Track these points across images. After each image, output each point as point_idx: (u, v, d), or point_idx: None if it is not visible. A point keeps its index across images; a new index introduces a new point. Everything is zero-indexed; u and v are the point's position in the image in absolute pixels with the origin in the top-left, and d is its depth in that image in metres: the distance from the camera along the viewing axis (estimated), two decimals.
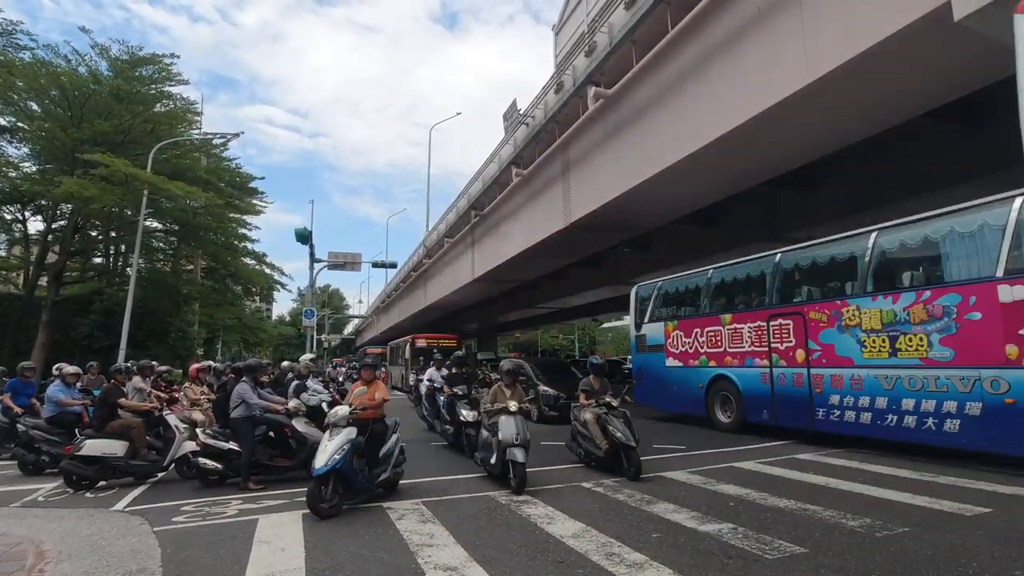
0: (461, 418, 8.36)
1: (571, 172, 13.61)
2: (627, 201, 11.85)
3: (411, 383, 22.89)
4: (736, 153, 9.31)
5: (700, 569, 3.87)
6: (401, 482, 6.89)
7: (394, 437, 6.39)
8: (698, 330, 11.05)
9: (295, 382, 8.12)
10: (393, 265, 31.10)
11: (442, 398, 9.75)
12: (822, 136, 8.92)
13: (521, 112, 16.27)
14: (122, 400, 7.43)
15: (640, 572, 3.83)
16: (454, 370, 9.82)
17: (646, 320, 12.83)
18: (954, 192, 10.87)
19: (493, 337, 47.92)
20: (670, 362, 11.83)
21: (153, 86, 23.27)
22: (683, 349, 11.47)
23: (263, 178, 30.34)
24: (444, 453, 9.20)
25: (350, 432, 5.62)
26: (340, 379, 15.67)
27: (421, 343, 25.17)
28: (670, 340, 11.83)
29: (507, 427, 6.39)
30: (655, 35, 9.64)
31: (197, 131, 26.45)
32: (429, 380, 10.88)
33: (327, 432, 5.66)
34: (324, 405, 7.75)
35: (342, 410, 5.84)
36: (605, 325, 64.59)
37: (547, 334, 63.93)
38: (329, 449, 5.44)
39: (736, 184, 11.50)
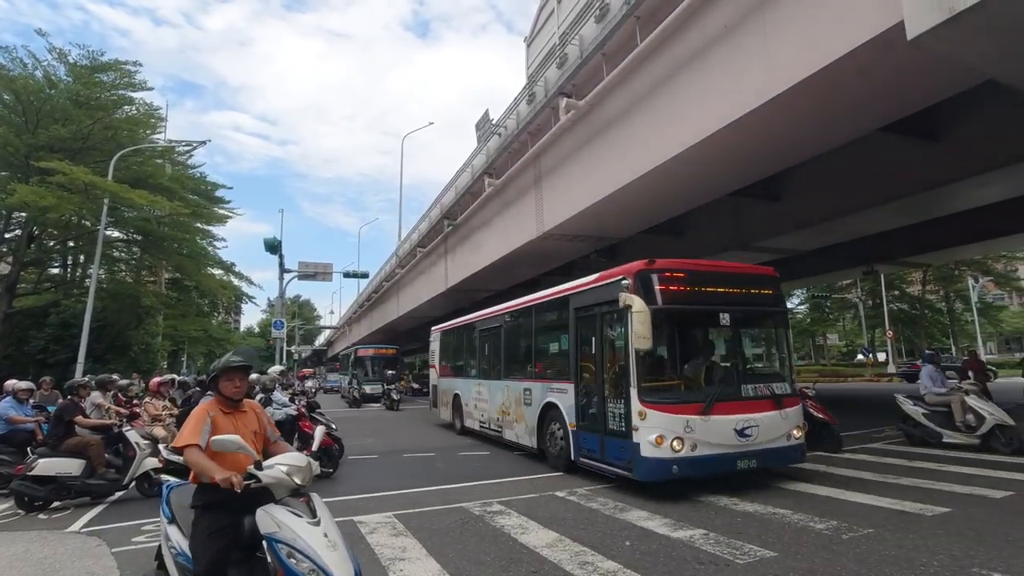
0: None
1: (543, 182, 13.70)
2: (599, 211, 11.97)
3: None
4: (704, 164, 9.49)
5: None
6: (373, 495, 6.79)
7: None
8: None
9: (260, 395, 7.91)
10: (365, 275, 30.81)
11: None
12: (786, 148, 9.17)
13: (493, 122, 16.33)
14: (78, 417, 7.12)
15: None
16: None
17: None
18: (915, 200, 11.38)
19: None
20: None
21: (115, 91, 22.62)
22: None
23: (231, 187, 29.80)
24: (419, 463, 9.08)
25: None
26: (312, 392, 15.31)
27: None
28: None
29: None
30: (625, 48, 9.80)
31: (161, 138, 25.79)
32: None
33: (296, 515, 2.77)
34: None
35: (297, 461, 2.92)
36: None
37: None
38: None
39: (704, 194, 11.72)
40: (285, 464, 2.78)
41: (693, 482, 6.91)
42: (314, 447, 4.29)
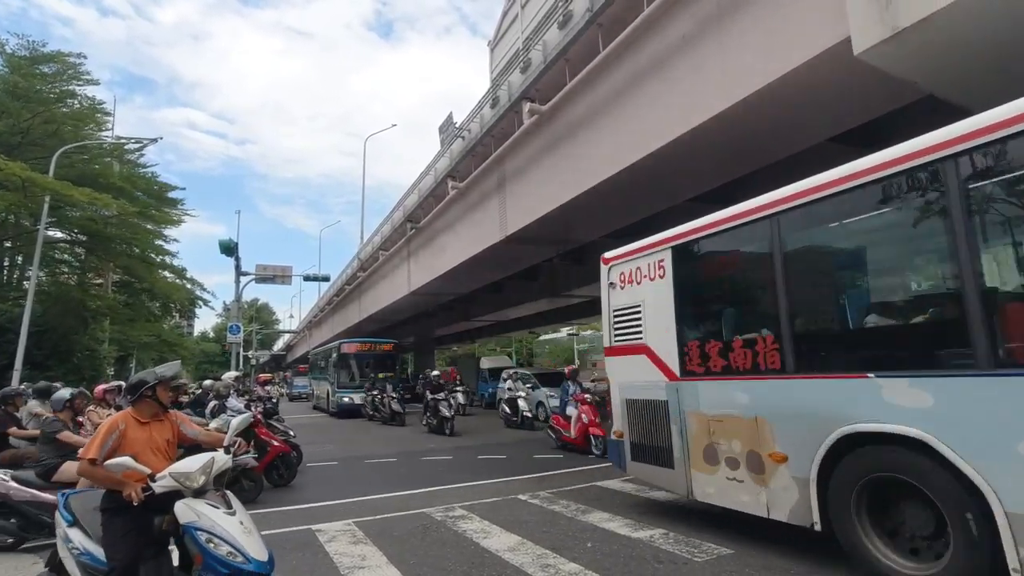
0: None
1: (507, 186, 13.72)
2: (562, 215, 12.06)
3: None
4: (664, 171, 9.69)
5: (632, 575, 3.93)
6: (332, 502, 6.64)
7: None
8: None
9: (213, 402, 7.64)
10: (326, 278, 30.15)
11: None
12: (743, 155, 9.44)
13: (457, 125, 16.27)
14: (12, 429, 6.70)
15: None
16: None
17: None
18: None
19: (430, 351, 47.30)
20: None
21: (57, 84, 21.54)
22: None
23: (184, 188, 28.57)
24: (380, 468, 8.92)
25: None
26: (274, 399, 14.32)
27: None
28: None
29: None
30: (588, 55, 9.92)
31: (109, 134, 24.68)
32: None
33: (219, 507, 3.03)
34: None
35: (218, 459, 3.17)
36: (542, 337, 65.28)
37: (484, 347, 63.82)
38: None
39: (664, 200, 11.96)
40: (175, 472, 2.97)
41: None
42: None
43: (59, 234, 22.94)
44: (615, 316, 5.99)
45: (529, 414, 14.17)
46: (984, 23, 5.25)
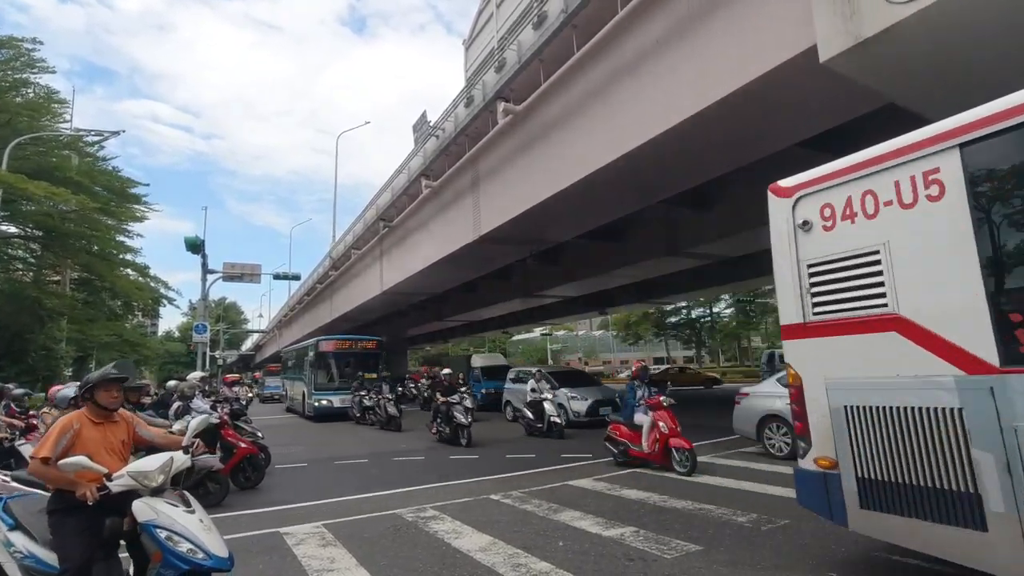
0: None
1: (481, 185, 13.69)
2: (535, 215, 12.09)
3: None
4: (637, 172, 9.80)
5: (603, 573, 3.96)
6: (301, 504, 6.52)
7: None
8: None
9: (177, 403, 7.42)
10: (296, 277, 29.56)
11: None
12: (713, 159, 9.62)
13: (431, 124, 16.17)
14: None
15: None
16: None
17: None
18: None
19: (403, 351, 46.95)
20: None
21: (9, 72, 20.62)
22: None
23: (148, 184, 27.49)
24: (351, 470, 8.80)
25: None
26: (242, 400, 13.80)
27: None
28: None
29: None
30: (562, 56, 9.96)
31: (67, 126, 23.74)
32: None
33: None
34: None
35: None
36: (516, 337, 65.46)
37: (458, 346, 63.63)
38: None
39: (638, 201, 12.11)
40: (133, 471, 2.95)
41: (625, 482, 7.09)
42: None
43: (13, 229, 22.00)
44: (815, 274, 3.81)
45: (558, 420, 12.08)
46: (940, 35, 5.45)
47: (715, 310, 48.63)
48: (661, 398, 7.88)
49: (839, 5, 5.60)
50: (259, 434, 8.74)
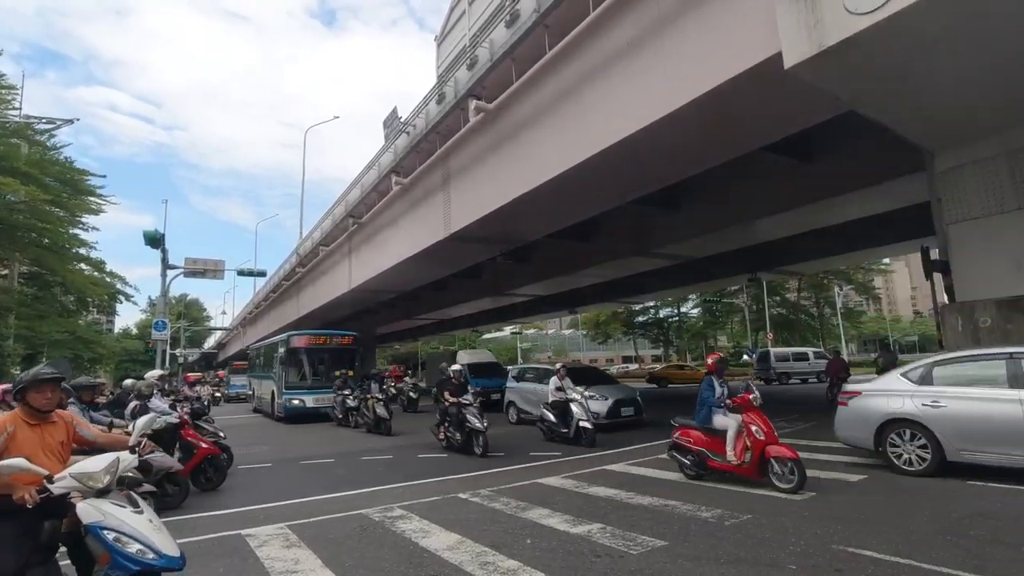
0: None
1: (452, 183, 13.62)
2: (506, 214, 12.09)
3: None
4: (607, 171, 9.89)
5: (570, 570, 3.99)
6: (265, 505, 6.38)
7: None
8: None
9: (135, 402, 7.17)
10: (262, 274, 28.89)
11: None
12: (682, 160, 9.79)
13: (402, 120, 16.00)
14: None
15: None
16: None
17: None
18: (796, 213, 12.57)
19: (372, 348, 46.38)
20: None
21: None
22: None
23: (104, 176, 26.46)
24: (317, 470, 8.65)
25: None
26: (205, 401, 13.09)
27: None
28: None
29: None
30: (534, 55, 9.98)
31: (16, 112, 22.63)
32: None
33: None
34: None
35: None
36: (485, 336, 65.38)
37: (427, 345, 63.22)
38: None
39: (607, 201, 12.22)
40: (77, 472, 2.86)
41: (593, 480, 7.15)
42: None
43: None
44: None
45: (589, 424, 10.09)
46: (896, 46, 5.66)
47: (683, 310, 49.55)
48: (751, 396, 6.42)
49: (803, 14, 5.75)
50: (221, 434, 8.51)
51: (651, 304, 45.52)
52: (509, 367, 19.96)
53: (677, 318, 49.73)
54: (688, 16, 7.46)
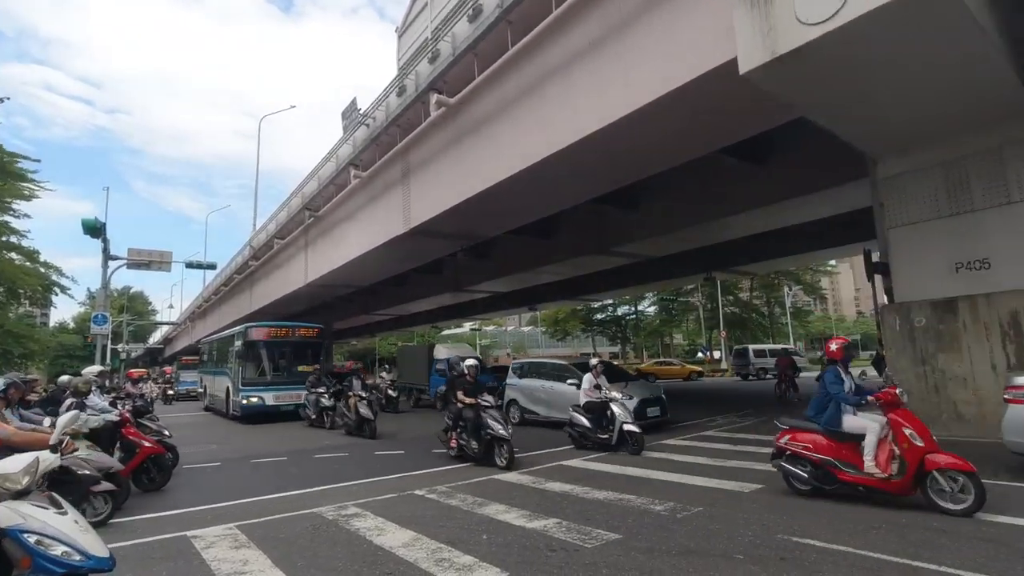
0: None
1: (412, 177, 13.45)
2: (467, 209, 12.03)
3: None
4: (567, 169, 9.97)
5: (526, 565, 4.00)
6: (213, 506, 6.15)
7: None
8: None
9: (70, 400, 6.78)
10: (212, 266, 27.74)
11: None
12: (640, 160, 9.96)
13: (361, 112, 15.69)
14: None
15: (469, 574, 3.85)
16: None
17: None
18: (749, 215, 12.97)
19: (328, 345, 45.48)
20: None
21: None
22: None
23: (38, 160, 24.85)
24: (269, 468, 8.39)
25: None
26: (148, 399, 12.10)
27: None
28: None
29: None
30: (497, 51, 9.96)
31: None
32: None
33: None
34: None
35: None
36: (445, 332, 64.94)
37: (385, 341, 62.36)
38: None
39: (568, 199, 12.32)
40: None
41: (550, 475, 7.20)
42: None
43: None
44: None
45: (636, 428, 8.63)
46: (844, 55, 5.91)
47: (640, 308, 50.52)
48: (897, 390, 5.15)
49: (758, 22, 5.93)
50: (166, 432, 8.17)
51: (609, 302, 46.21)
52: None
53: (634, 316, 50.66)
54: (651, 17, 7.59)
